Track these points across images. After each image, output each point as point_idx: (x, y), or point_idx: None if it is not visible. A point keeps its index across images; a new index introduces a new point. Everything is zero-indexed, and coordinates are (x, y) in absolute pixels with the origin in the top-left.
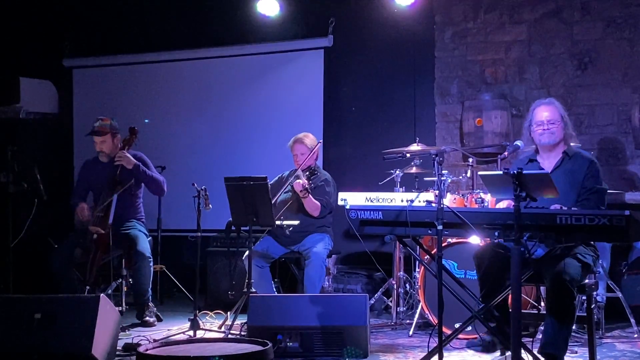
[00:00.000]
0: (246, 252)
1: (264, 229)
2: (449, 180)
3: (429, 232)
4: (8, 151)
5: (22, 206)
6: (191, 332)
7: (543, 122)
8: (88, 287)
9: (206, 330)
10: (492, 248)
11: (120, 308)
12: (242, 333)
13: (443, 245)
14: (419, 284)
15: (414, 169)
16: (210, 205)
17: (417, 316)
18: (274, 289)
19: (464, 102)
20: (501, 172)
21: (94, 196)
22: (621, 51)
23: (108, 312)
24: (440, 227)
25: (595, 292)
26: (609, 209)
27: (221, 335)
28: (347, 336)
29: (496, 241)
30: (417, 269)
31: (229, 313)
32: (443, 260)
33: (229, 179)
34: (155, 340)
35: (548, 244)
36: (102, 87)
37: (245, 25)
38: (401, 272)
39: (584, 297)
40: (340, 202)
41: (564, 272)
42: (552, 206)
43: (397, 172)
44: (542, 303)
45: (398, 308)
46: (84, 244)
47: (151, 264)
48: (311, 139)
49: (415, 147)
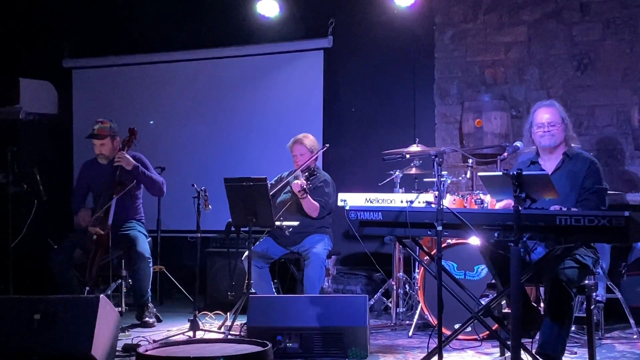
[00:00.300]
0: (245, 253)
1: (264, 230)
2: (449, 181)
3: (429, 233)
4: (8, 152)
5: (22, 207)
6: (191, 333)
7: (544, 124)
8: (87, 288)
9: (206, 331)
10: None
11: (119, 309)
12: (242, 334)
13: (443, 246)
14: (419, 285)
15: (414, 170)
16: (209, 206)
17: (417, 317)
18: (274, 290)
19: (464, 103)
20: (501, 173)
21: (94, 197)
22: (620, 52)
23: (108, 313)
24: (439, 228)
25: (594, 293)
26: (609, 210)
27: (221, 336)
28: (347, 337)
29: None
30: (417, 270)
31: (229, 314)
32: (443, 261)
33: (229, 180)
34: (154, 340)
35: (548, 245)
36: (102, 88)
37: (245, 26)
38: (401, 273)
39: (584, 298)
40: (340, 203)
41: (561, 273)
42: (552, 207)
43: (397, 173)
44: (542, 304)
45: (398, 309)
46: (84, 245)
47: (151, 265)
48: (311, 140)
49: (414, 148)
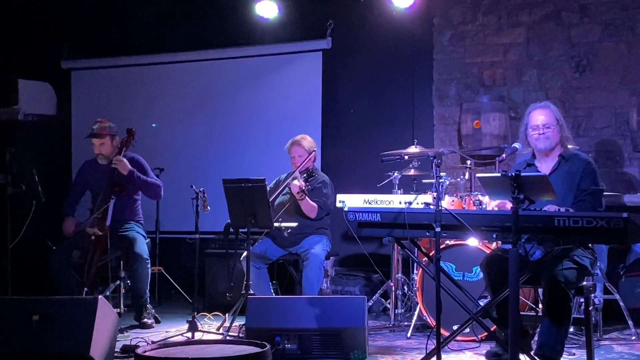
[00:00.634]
0: (244, 254)
1: (262, 231)
2: (447, 182)
3: (427, 234)
4: (6, 153)
5: (21, 208)
6: (189, 334)
7: (538, 127)
8: (86, 289)
9: (204, 332)
10: (499, 254)
11: (118, 310)
12: (240, 335)
13: (441, 247)
14: (417, 286)
15: (412, 171)
16: (208, 207)
17: (415, 318)
18: (272, 291)
19: (462, 105)
20: (499, 175)
21: (92, 197)
22: (619, 54)
23: (106, 314)
24: (438, 229)
25: (593, 294)
26: (607, 211)
27: (219, 337)
28: (345, 338)
29: (499, 246)
30: (415, 271)
31: (227, 315)
32: (441, 262)
33: (227, 181)
34: (153, 342)
35: (546, 246)
36: (100, 89)
37: (243, 27)
38: (399, 274)
39: (582, 299)
40: (338, 204)
41: (560, 275)
42: (547, 206)
43: (396, 174)
44: (540, 305)
45: (396, 310)
46: (82, 246)
47: (149, 266)
48: (309, 141)
49: (413, 150)
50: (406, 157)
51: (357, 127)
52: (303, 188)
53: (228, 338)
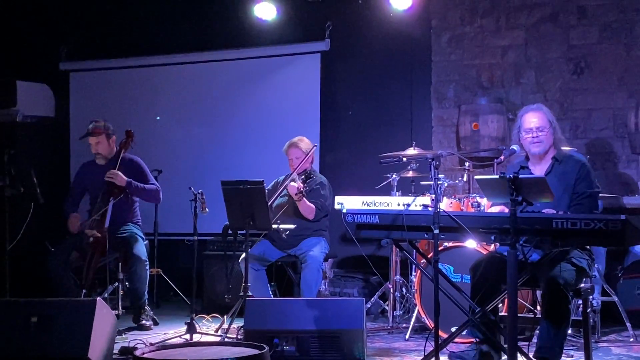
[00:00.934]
0: (242, 256)
1: (261, 233)
2: (446, 184)
3: (426, 236)
4: (5, 155)
5: (19, 210)
6: (187, 336)
7: (532, 130)
8: (84, 291)
9: (203, 333)
10: (489, 254)
11: (116, 311)
12: (239, 337)
13: (439, 249)
14: (416, 288)
15: (411, 173)
16: (206, 208)
17: (414, 320)
18: (271, 293)
19: (461, 106)
20: (497, 176)
21: (91, 199)
22: (617, 56)
23: (104, 316)
24: (436, 231)
25: (591, 296)
26: (605, 214)
27: (218, 339)
28: (344, 340)
29: (494, 249)
30: (414, 273)
31: (226, 317)
32: (439, 264)
33: (226, 183)
34: (151, 343)
35: (544, 248)
36: (99, 91)
37: (242, 29)
38: (397, 276)
39: (580, 301)
40: (336, 206)
41: (559, 276)
42: (545, 210)
43: (394, 176)
44: (538, 307)
45: (394, 312)
46: (81, 248)
47: (147, 268)
48: (306, 143)
49: (411, 151)
50: (404, 159)
51: (356, 129)
52: (301, 189)
53: (226, 340)
